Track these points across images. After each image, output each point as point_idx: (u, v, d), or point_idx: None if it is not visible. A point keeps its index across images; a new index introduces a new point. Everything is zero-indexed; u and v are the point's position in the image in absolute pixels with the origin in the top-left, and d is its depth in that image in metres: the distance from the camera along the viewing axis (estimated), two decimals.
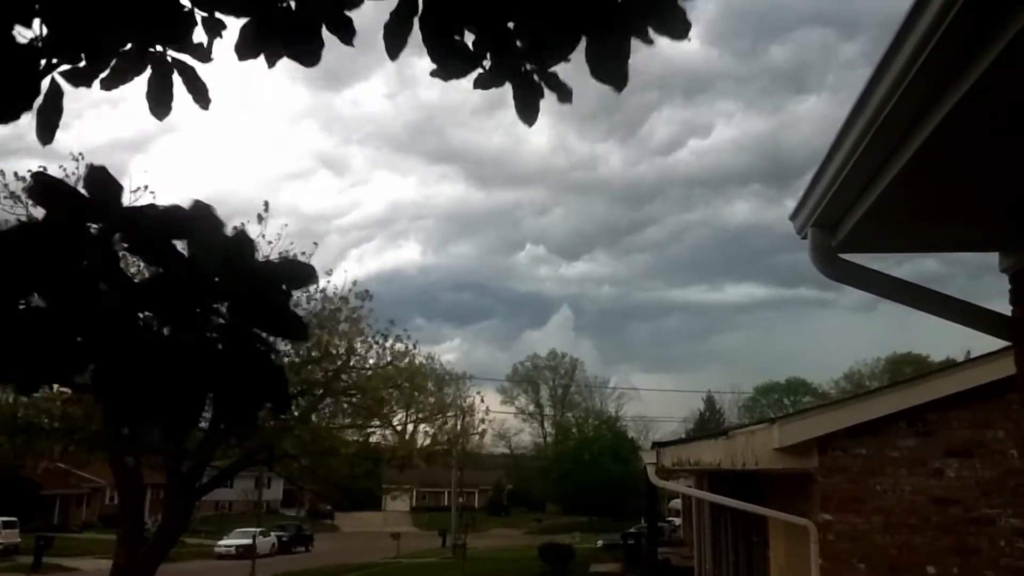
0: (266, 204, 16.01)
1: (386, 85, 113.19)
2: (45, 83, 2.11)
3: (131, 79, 2.25)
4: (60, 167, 16.34)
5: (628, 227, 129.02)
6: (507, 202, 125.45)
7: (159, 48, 2.27)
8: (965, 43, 2.14)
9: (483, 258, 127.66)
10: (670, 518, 46.98)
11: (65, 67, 2.11)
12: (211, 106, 2.36)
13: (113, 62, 2.18)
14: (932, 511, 8.89)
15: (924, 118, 2.51)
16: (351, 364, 18.53)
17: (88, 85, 2.17)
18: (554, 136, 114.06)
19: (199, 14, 2.18)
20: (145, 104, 2.32)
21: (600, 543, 44.67)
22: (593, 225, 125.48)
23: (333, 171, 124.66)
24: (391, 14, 2.16)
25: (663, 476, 11.50)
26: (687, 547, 30.25)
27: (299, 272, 1.65)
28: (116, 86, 2.22)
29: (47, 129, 2.13)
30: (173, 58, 2.28)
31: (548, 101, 2.29)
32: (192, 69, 2.30)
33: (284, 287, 1.63)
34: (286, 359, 16.58)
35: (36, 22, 2.01)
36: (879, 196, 3.04)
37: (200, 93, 2.33)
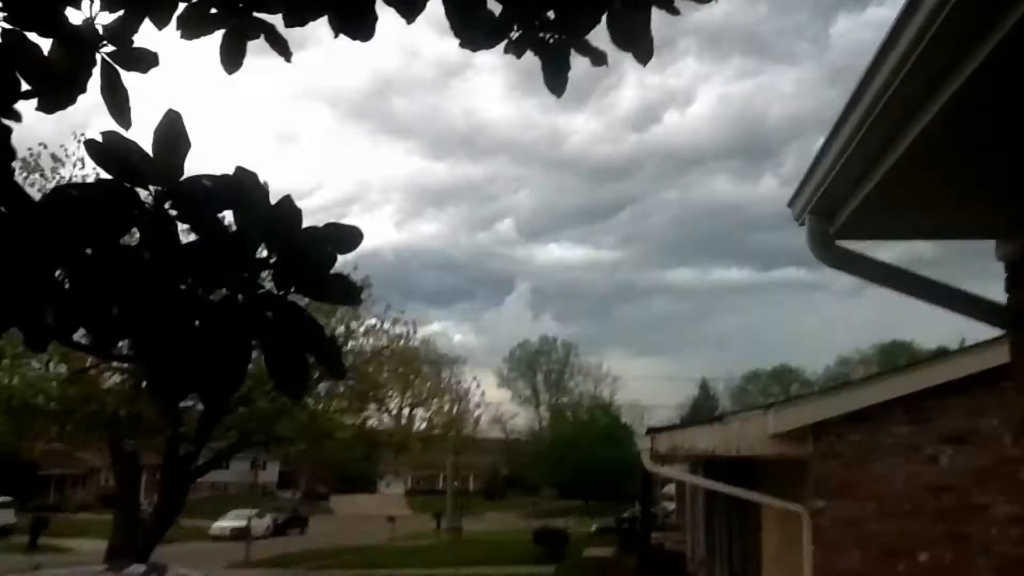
0: (265, 184, 15.93)
1: (336, 56, 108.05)
2: (96, 68, 2.06)
3: (212, 31, 2.20)
4: (28, 149, 16.03)
5: (607, 205, 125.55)
6: (477, 178, 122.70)
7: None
8: (965, 30, 2.14)
9: (458, 237, 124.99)
10: (664, 503, 47.21)
11: (112, 48, 2.07)
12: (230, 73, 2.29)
13: (188, 16, 2.13)
14: (926, 498, 8.93)
15: (922, 106, 2.51)
16: (348, 347, 18.57)
17: (144, 71, 2.13)
18: (519, 109, 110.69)
19: None
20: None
21: (595, 527, 44.85)
22: (570, 202, 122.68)
23: (293, 145, 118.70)
24: None
25: (657, 462, 11.54)
26: (680, 532, 30.41)
27: (345, 235, 1.64)
28: (196, 36, 2.17)
29: (119, 112, 2.09)
30: (253, 16, 2.22)
31: (505, 69, 2.21)
32: (272, 26, 2.23)
33: (330, 251, 1.63)
34: None
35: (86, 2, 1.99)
36: (877, 184, 3.04)
37: (282, 46, 2.28)
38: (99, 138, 1.58)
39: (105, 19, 2.05)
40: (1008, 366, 3.69)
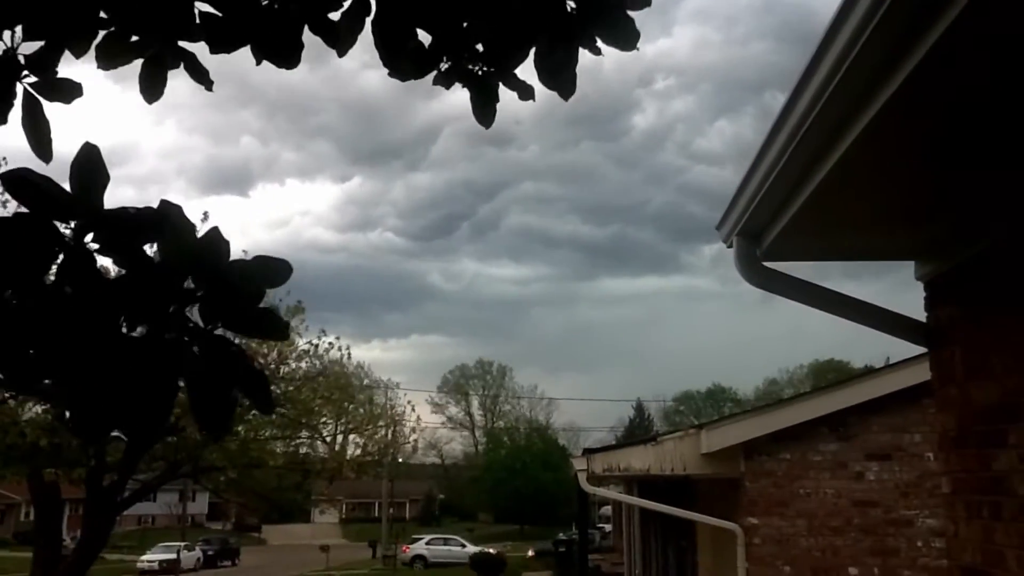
0: (205, 214, 15.76)
1: None
2: (18, 99, 2.01)
3: (129, 61, 2.16)
4: None
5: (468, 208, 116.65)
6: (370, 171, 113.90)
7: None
8: (883, 56, 2.22)
9: (335, 238, 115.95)
10: (601, 525, 47.29)
11: (34, 79, 2.01)
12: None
13: (108, 44, 2.08)
14: (853, 513, 9.14)
15: (840, 134, 2.59)
16: (280, 374, 18.22)
17: (67, 101, 2.08)
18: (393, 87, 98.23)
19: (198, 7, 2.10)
20: None
21: (531, 553, 44.71)
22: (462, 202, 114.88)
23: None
24: (343, 14, 2.12)
25: (594, 483, 11.57)
26: (618, 553, 30.50)
27: (273, 268, 1.61)
28: (115, 65, 2.13)
29: (40, 145, 2.02)
30: (174, 45, 2.19)
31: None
32: (193, 55, 2.21)
33: (258, 285, 1.60)
34: None
35: (7, 33, 1.94)
36: (800, 207, 3.12)
37: (202, 76, 2.25)
38: (16, 172, 1.53)
39: (27, 49, 2.00)
40: (929, 383, 3.80)
